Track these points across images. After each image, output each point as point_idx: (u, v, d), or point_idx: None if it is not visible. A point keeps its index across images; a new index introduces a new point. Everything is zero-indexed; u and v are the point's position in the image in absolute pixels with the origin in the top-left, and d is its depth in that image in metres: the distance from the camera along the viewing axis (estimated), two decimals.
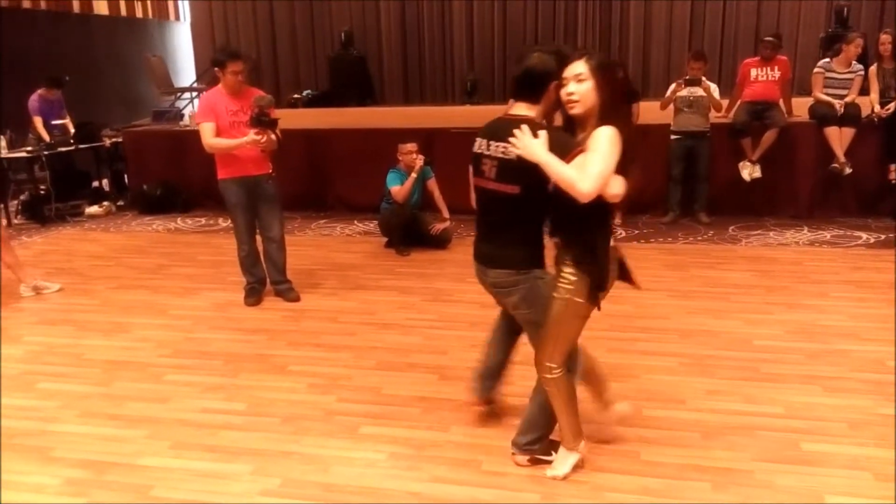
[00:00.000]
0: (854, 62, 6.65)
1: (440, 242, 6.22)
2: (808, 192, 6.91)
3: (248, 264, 5.01)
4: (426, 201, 6.42)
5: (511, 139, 2.48)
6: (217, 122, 4.63)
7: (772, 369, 3.70)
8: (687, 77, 6.47)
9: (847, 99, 6.53)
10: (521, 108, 2.63)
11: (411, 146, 6.17)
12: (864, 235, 6.23)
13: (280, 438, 3.19)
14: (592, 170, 2.38)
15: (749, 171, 6.74)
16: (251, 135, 4.53)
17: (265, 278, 5.12)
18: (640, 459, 2.92)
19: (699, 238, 6.36)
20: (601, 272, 2.57)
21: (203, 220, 7.77)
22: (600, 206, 2.48)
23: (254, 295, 5.02)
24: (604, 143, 2.42)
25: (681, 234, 6.48)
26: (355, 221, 7.43)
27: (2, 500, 2.79)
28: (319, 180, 7.84)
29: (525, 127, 2.48)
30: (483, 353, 3.16)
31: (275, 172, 4.83)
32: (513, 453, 2.92)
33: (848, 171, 6.50)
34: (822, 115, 6.63)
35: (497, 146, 2.59)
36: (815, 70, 6.82)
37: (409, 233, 6.19)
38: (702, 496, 2.69)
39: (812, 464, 2.87)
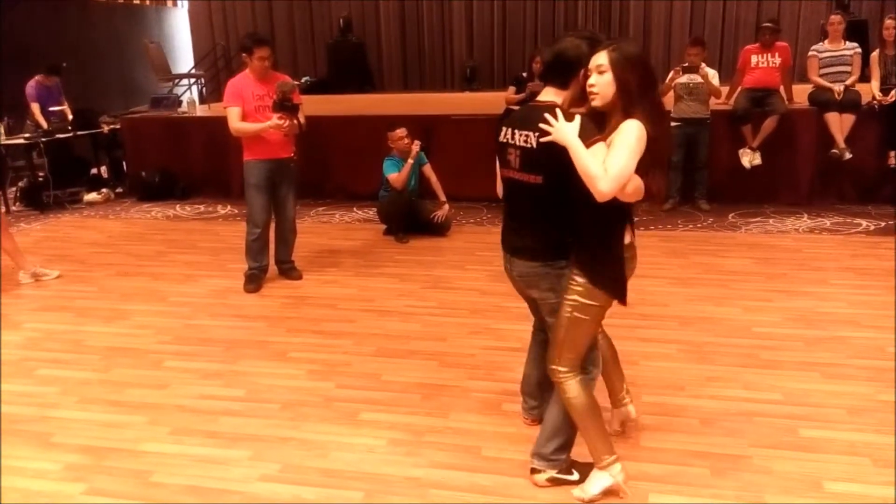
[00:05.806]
0: (847, 41, 6.66)
1: (439, 230, 6.17)
2: (808, 179, 6.89)
3: (255, 249, 5.01)
4: (423, 187, 6.41)
5: (542, 123, 2.35)
6: (243, 106, 4.78)
7: (771, 356, 3.71)
8: (685, 64, 6.44)
9: (848, 82, 6.51)
10: (548, 94, 2.53)
11: (401, 131, 6.14)
12: (864, 222, 6.23)
13: (279, 424, 3.20)
14: (612, 170, 2.26)
15: (749, 159, 6.72)
16: (274, 119, 4.64)
17: (267, 266, 5.12)
18: (639, 445, 2.92)
19: (699, 225, 6.35)
20: (610, 280, 2.46)
21: (202, 208, 7.75)
22: (612, 210, 2.36)
23: (254, 282, 5.02)
24: (627, 137, 2.30)
25: (680, 221, 6.47)
26: (354, 209, 7.42)
27: (2, 485, 2.80)
28: (318, 167, 7.81)
29: (558, 111, 2.38)
30: (523, 372, 3.09)
31: (297, 156, 4.98)
32: (533, 469, 2.71)
33: (848, 156, 6.48)
34: (823, 101, 6.62)
35: (520, 135, 2.50)
36: (809, 54, 6.85)
37: (408, 220, 6.17)
38: (701, 482, 2.70)
39: (811, 450, 2.88)
